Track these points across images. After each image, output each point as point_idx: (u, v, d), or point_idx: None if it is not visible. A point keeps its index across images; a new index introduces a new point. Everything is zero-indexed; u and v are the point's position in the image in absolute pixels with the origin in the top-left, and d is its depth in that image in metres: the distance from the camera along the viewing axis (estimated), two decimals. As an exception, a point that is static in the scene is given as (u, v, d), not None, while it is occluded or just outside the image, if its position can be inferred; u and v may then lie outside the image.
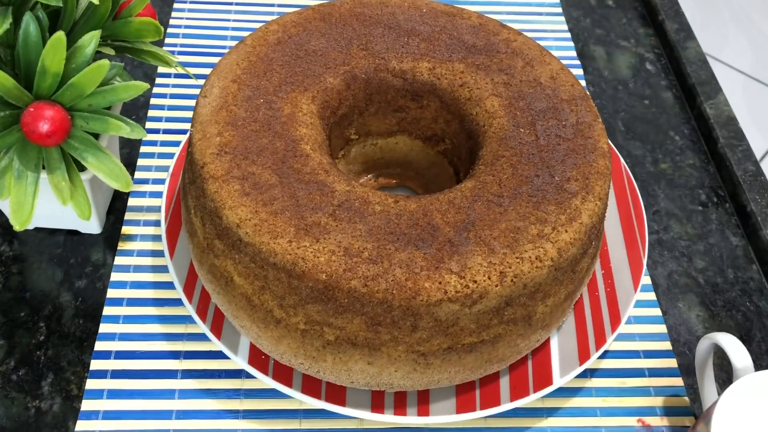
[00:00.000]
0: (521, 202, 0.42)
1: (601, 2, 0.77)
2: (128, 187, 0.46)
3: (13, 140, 0.44)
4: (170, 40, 0.68)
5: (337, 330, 0.40)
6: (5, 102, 0.43)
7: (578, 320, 0.48)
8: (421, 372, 0.41)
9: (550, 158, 0.44)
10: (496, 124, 0.47)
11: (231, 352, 0.44)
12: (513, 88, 0.48)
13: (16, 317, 0.49)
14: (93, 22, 0.46)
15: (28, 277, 0.51)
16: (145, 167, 0.58)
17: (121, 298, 0.50)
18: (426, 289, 0.38)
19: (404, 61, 0.50)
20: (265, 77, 0.47)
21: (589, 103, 0.48)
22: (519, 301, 0.40)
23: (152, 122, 0.61)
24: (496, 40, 0.51)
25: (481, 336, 0.40)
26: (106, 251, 0.53)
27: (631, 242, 0.52)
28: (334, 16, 0.52)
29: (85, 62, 0.44)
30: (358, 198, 0.41)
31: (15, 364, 0.47)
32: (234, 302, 0.43)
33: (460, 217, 0.41)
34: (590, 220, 0.42)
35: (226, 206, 0.41)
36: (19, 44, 0.43)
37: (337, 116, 0.49)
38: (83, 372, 0.47)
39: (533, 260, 0.40)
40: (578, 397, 0.48)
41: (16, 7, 0.44)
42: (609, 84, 0.69)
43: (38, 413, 0.45)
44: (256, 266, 0.40)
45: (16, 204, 0.44)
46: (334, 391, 0.44)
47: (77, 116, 0.44)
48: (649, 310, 0.53)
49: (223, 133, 0.44)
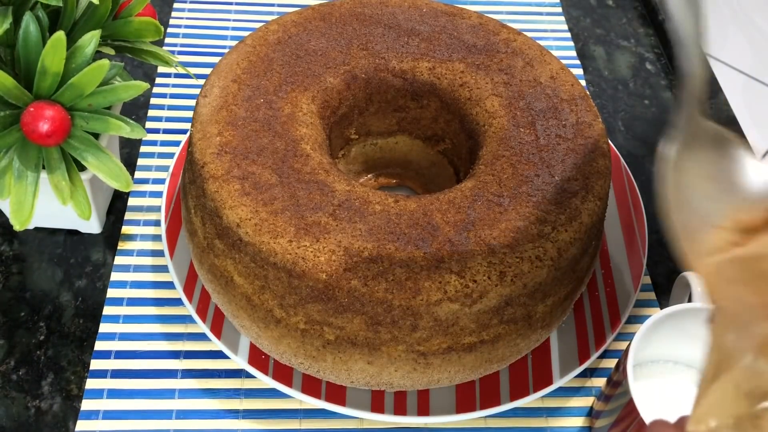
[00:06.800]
0: (521, 202, 0.42)
1: (601, 2, 0.77)
2: (128, 187, 0.46)
3: (13, 140, 0.44)
4: (170, 40, 0.68)
5: (337, 329, 0.40)
6: (5, 102, 0.43)
7: (578, 320, 0.48)
8: (421, 372, 0.41)
9: (550, 158, 0.44)
10: (496, 124, 0.47)
11: (231, 352, 0.44)
12: (513, 88, 0.48)
13: (16, 317, 0.49)
14: (93, 22, 0.46)
15: (28, 276, 0.51)
16: (145, 167, 0.58)
17: (121, 298, 0.50)
18: (426, 288, 0.38)
19: (404, 60, 0.50)
20: (265, 77, 0.47)
21: (589, 103, 0.48)
22: (519, 301, 0.40)
23: (152, 122, 0.61)
24: (496, 39, 0.51)
25: (481, 336, 0.40)
26: (106, 251, 0.53)
27: (631, 242, 0.52)
28: (334, 16, 0.52)
29: (85, 62, 0.44)
30: (358, 198, 0.41)
31: (15, 364, 0.47)
32: (234, 302, 0.43)
33: (460, 217, 0.41)
34: (590, 219, 0.42)
35: (226, 206, 0.41)
36: (19, 44, 0.43)
37: (337, 116, 0.49)
38: (83, 372, 0.47)
39: (533, 260, 0.40)
40: (578, 397, 0.48)
41: (16, 7, 0.44)
42: (609, 84, 0.69)
43: (38, 413, 0.45)
44: (256, 266, 0.40)
45: (16, 204, 0.44)
46: (334, 390, 0.44)
47: (77, 116, 0.44)
48: (649, 310, 0.53)
49: (223, 133, 0.44)
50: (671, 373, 0.46)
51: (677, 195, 0.28)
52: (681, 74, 0.28)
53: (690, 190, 0.28)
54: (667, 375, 0.46)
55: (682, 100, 0.28)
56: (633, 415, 0.39)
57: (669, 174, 0.28)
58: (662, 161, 0.28)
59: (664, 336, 0.43)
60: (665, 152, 0.28)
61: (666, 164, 0.28)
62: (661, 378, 0.45)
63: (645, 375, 0.45)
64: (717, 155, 0.28)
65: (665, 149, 0.28)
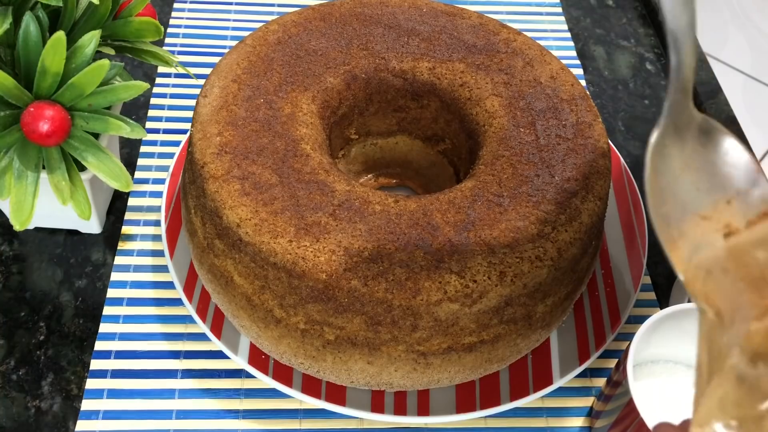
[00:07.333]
0: (521, 202, 0.42)
1: (601, 2, 0.77)
2: (128, 187, 0.46)
3: (13, 140, 0.44)
4: (170, 40, 0.68)
5: (337, 329, 0.40)
6: (5, 102, 0.43)
7: (578, 320, 0.48)
8: (421, 372, 0.41)
9: (550, 158, 0.44)
10: (496, 124, 0.47)
11: (231, 352, 0.44)
12: (513, 88, 0.48)
13: (16, 317, 0.49)
14: (93, 22, 0.46)
15: (28, 276, 0.51)
16: (145, 167, 0.58)
17: (121, 298, 0.50)
18: (426, 288, 0.38)
19: (404, 60, 0.50)
20: (266, 77, 0.47)
21: (589, 103, 0.48)
22: (519, 301, 0.40)
23: (152, 122, 0.61)
24: (496, 39, 0.51)
25: (481, 336, 0.40)
26: (106, 251, 0.53)
27: (631, 242, 0.52)
28: (334, 15, 0.52)
29: (85, 62, 0.44)
30: (358, 198, 0.41)
31: (15, 364, 0.47)
32: (234, 302, 0.43)
33: (460, 217, 0.41)
34: (590, 219, 0.42)
35: (227, 206, 0.41)
36: (19, 44, 0.43)
37: (337, 116, 0.49)
38: (83, 372, 0.47)
39: (533, 260, 0.40)
40: (578, 397, 0.48)
41: (16, 7, 0.44)
42: (609, 84, 0.69)
43: (38, 413, 0.45)
44: (256, 266, 0.40)
45: (16, 204, 0.44)
46: (334, 390, 0.44)
47: (77, 116, 0.44)
48: (649, 310, 0.53)
49: (224, 133, 0.44)
50: (671, 373, 0.46)
51: (658, 181, 0.27)
52: (670, 61, 0.28)
53: (671, 177, 0.27)
54: (667, 375, 0.46)
55: (670, 86, 0.28)
56: (633, 415, 0.39)
57: (651, 160, 0.27)
58: (648, 148, 0.28)
59: (664, 336, 0.43)
60: (650, 139, 0.28)
61: (649, 150, 0.27)
62: (661, 378, 0.45)
63: (645, 375, 0.45)
64: (702, 143, 0.28)
65: (652, 136, 0.28)
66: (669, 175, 0.27)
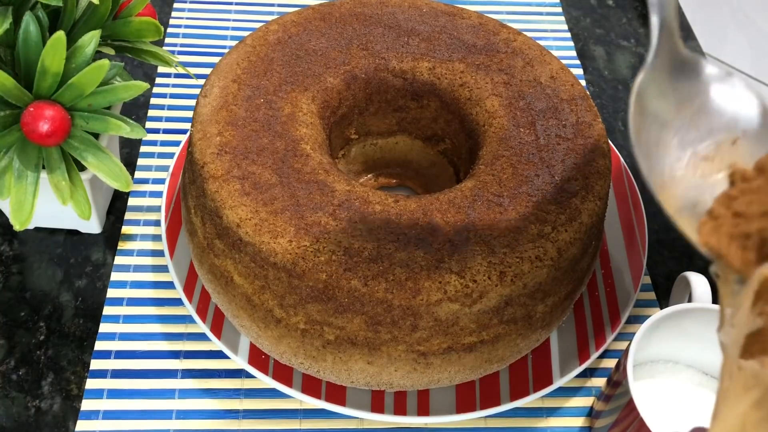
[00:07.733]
0: (521, 202, 0.42)
1: (601, 2, 0.77)
2: (128, 187, 0.46)
3: (13, 140, 0.44)
4: (170, 40, 0.68)
5: (337, 329, 0.40)
6: (5, 102, 0.43)
7: (578, 320, 0.48)
8: (421, 372, 0.41)
9: (550, 158, 0.44)
10: (496, 124, 0.47)
11: (231, 352, 0.44)
12: (513, 88, 0.48)
13: (16, 317, 0.49)
14: (93, 22, 0.46)
15: (28, 276, 0.51)
16: (145, 167, 0.58)
17: (121, 298, 0.50)
18: (426, 288, 0.38)
19: (404, 60, 0.50)
20: (266, 77, 0.47)
21: (589, 103, 0.48)
22: (519, 301, 0.40)
23: (152, 122, 0.61)
24: (496, 39, 0.51)
25: (481, 336, 0.40)
26: (106, 251, 0.53)
27: (631, 242, 0.52)
28: (334, 15, 0.52)
29: (85, 62, 0.44)
30: (358, 198, 0.41)
31: (15, 364, 0.47)
32: (234, 302, 0.43)
33: (460, 217, 0.41)
34: (590, 219, 0.42)
35: (227, 206, 0.41)
36: (19, 44, 0.43)
37: (337, 116, 0.49)
38: (83, 372, 0.47)
39: (533, 260, 0.40)
40: (578, 397, 0.48)
41: (16, 7, 0.44)
42: (609, 84, 0.69)
43: (38, 413, 0.45)
44: (257, 266, 0.40)
45: (16, 204, 0.44)
46: (334, 390, 0.44)
47: (77, 116, 0.44)
48: (649, 310, 0.53)
49: (224, 133, 0.44)
50: (671, 373, 0.46)
51: (641, 121, 0.26)
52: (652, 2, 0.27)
53: (665, 117, 0.26)
54: (667, 375, 0.46)
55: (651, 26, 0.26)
56: (633, 415, 0.39)
57: (634, 99, 0.26)
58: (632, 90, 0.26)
59: (664, 336, 0.43)
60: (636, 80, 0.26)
61: (633, 92, 0.26)
62: (661, 378, 0.45)
63: (645, 375, 0.45)
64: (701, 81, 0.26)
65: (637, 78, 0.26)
66: (662, 116, 0.26)
